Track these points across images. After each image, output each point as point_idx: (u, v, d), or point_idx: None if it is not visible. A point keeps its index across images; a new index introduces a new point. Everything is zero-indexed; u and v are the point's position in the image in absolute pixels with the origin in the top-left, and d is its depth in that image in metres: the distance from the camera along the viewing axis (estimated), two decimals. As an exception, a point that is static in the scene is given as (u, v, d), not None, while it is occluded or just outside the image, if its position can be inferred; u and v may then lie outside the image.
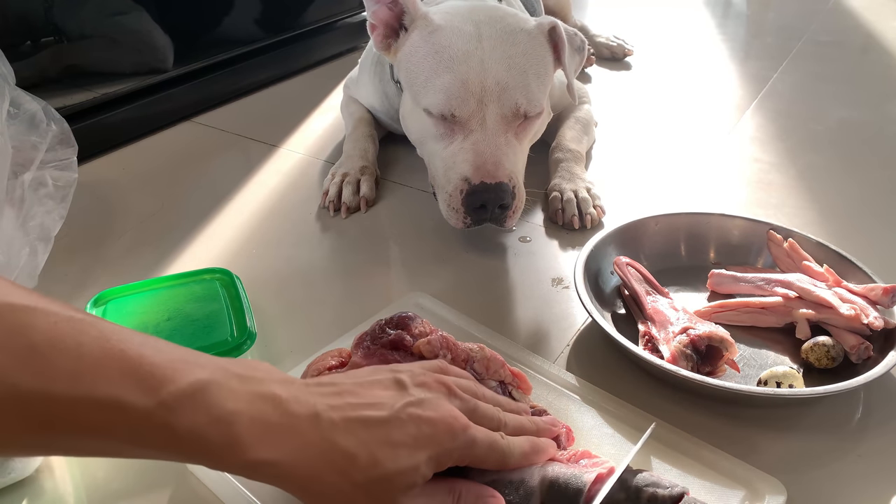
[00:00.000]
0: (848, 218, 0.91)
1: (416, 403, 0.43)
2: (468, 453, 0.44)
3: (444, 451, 0.43)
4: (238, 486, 0.52)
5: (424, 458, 0.42)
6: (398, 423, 0.42)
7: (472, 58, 0.79)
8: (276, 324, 0.72)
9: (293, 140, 1.14)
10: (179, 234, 0.88)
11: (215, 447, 0.38)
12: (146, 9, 1.13)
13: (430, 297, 0.72)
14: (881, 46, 1.61)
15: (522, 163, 0.83)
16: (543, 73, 0.83)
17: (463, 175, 0.78)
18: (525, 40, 0.81)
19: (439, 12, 0.84)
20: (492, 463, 0.46)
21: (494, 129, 0.79)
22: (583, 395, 0.60)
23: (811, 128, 1.18)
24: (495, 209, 0.78)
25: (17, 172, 0.71)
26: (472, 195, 0.78)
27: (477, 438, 0.44)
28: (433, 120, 0.81)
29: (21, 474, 0.54)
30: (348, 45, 1.52)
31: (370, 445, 0.41)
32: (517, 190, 0.80)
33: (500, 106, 0.79)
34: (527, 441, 0.48)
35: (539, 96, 0.81)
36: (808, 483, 0.55)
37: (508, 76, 0.79)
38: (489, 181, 0.77)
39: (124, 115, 1.12)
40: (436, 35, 0.82)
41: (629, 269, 0.72)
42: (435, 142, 0.83)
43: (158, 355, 0.38)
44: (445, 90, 0.79)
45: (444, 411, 0.44)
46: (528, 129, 0.83)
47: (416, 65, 0.83)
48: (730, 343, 0.62)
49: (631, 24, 1.71)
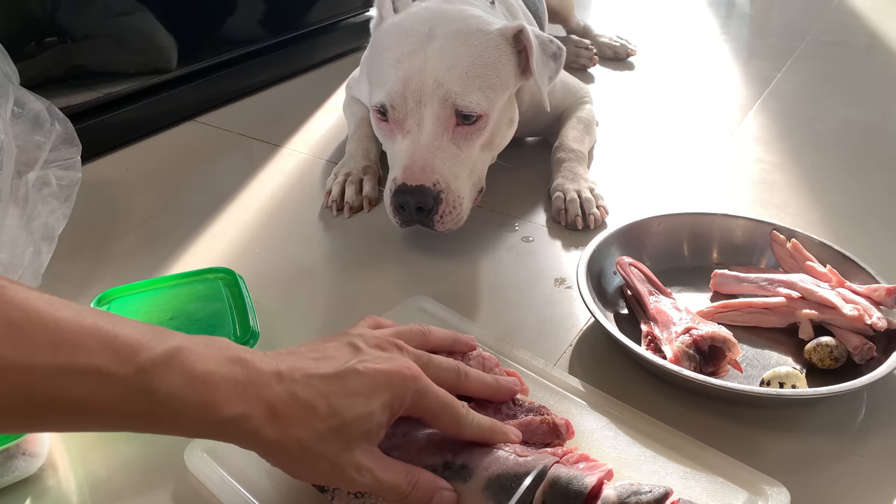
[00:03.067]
0: (851, 218, 0.91)
1: (369, 358, 0.46)
2: (421, 403, 0.47)
3: (397, 396, 0.45)
4: (237, 486, 0.52)
5: (379, 404, 0.45)
6: (353, 374, 0.45)
7: (416, 57, 0.79)
8: (279, 323, 0.73)
9: (296, 140, 1.15)
10: (183, 234, 0.88)
11: (192, 408, 0.40)
12: (150, 9, 1.13)
13: (433, 301, 0.72)
14: (885, 46, 1.61)
15: (464, 169, 0.81)
16: (492, 75, 0.81)
17: (394, 174, 0.80)
18: (477, 42, 0.80)
19: (404, 13, 0.85)
20: (445, 423, 0.48)
21: (431, 131, 0.79)
22: (584, 397, 0.60)
23: (815, 128, 1.18)
24: (413, 212, 0.78)
25: (21, 172, 0.71)
26: (395, 195, 0.79)
27: (429, 388, 0.47)
28: (380, 118, 0.83)
29: (24, 473, 0.54)
30: (351, 45, 1.52)
31: (329, 397, 0.44)
32: (444, 195, 0.78)
33: (437, 106, 0.78)
34: (489, 420, 0.50)
35: (479, 99, 0.79)
36: (811, 484, 0.55)
37: (447, 75, 0.78)
38: (410, 183, 0.77)
39: (128, 114, 1.12)
40: (387, 35, 0.83)
41: (632, 269, 0.72)
42: (384, 140, 0.85)
43: (131, 329, 0.40)
44: (386, 87, 0.80)
45: (397, 363, 0.47)
46: (472, 135, 0.81)
47: (370, 61, 0.85)
48: (733, 343, 0.62)
49: (634, 24, 1.71)
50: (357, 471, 0.44)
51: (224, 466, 0.53)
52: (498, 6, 0.97)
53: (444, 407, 0.48)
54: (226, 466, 0.53)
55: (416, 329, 0.54)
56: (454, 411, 0.48)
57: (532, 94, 0.96)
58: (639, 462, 0.53)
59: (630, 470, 0.52)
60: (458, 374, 0.51)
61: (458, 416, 0.48)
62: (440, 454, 0.48)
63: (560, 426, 0.52)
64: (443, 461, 0.48)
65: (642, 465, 0.53)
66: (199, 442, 0.55)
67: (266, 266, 0.83)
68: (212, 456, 0.54)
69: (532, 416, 0.53)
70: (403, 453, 0.48)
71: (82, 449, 0.58)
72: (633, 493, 0.44)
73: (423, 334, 0.54)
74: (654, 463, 0.53)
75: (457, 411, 0.48)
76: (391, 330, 0.53)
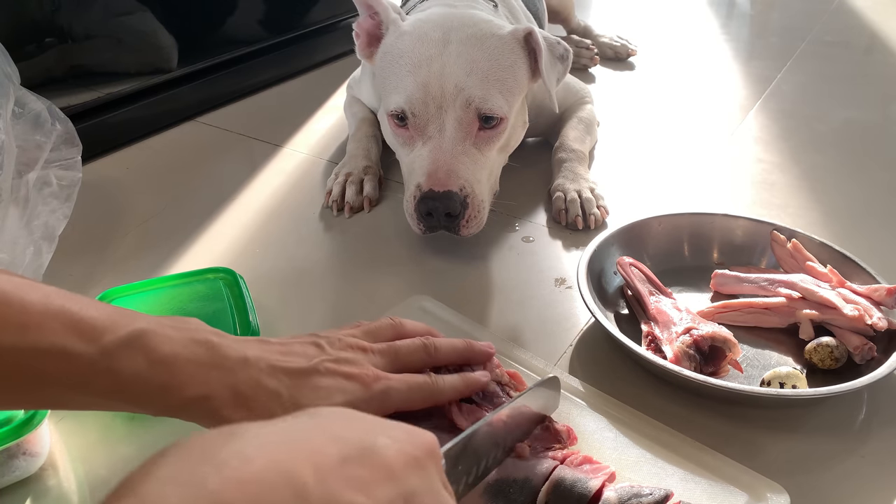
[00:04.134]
0: (852, 218, 0.91)
1: (333, 360, 0.48)
2: (387, 403, 0.48)
3: (359, 400, 0.47)
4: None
5: (341, 402, 0.46)
6: (317, 374, 0.46)
7: (434, 62, 0.79)
8: (279, 323, 0.73)
9: (297, 140, 1.15)
10: (183, 234, 0.88)
11: (155, 389, 0.41)
12: (150, 9, 1.13)
13: (433, 300, 0.72)
14: (886, 47, 1.61)
15: (484, 172, 0.81)
16: (510, 79, 0.81)
17: (417, 181, 0.79)
18: (493, 46, 0.80)
19: (414, 19, 0.84)
20: (420, 401, 0.49)
21: (452, 136, 0.79)
22: (584, 398, 0.60)
23: (815, 128, 1.18)
24: (442, 217, 0.78)
25: (22, 172, 0.71)
26: (422, 202, 0.78)
27: (392, 387, 0.48)
28: (397, 125, 0.82)
29: (25, 473, 0.55)
30: (351, 45, 1.49)
31: (292, 389, 0.45)
32: (470, 199, 0.78)
33: (459, 110, 0.78)
34: (458, 376, 0.52)
35: (500, 102, 0.79)
36: (811, 484, 0.55)
37: (468, 80, 0.78)
38: (438, 189, 0.77)
39: (128, 114, 1.12)
40: (401, 40, 0.82)
41: (632, 269, 0.72)
42: (400, 147, 0.84)
43: (97, 311, 0.41)
44: (406, 94, 0.79)
45: (358, 368, 0.48)
46: (492, 138, 0.81)
47: (382, 70, 0.84)
48: (733, 343, 0.62)
49: (634, 25, 1.71)
50: None
51: None
52: (501, 9, 0.97)
53: (412, 390, 0.49)
54: None
55: (387, 323, 0.55)
56: (423, 388, 0.49)
57: (534, 95, 0.96)
58: (639, 464, 0.53)
59: (630, 472, 0.52)
60: (427, 351, 0.53)
61: (430, 389, 0.50)
62: None
63: (561, 432, 0.52)
64: None
65: (642, 466, 0.53)
66: None
67: (266, 266, 0.83)
68: None
69: None
70: None
71: (82, 449, 0.58)
72: (634, 496, 0.44)
73: (393, 328, 0.55)
74: (654, 465, 0.53)
75: (426, 386, 0.50)
76: (362, 329, 0.53)
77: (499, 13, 0.95)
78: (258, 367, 0.45)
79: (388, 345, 0.52)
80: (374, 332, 0.53)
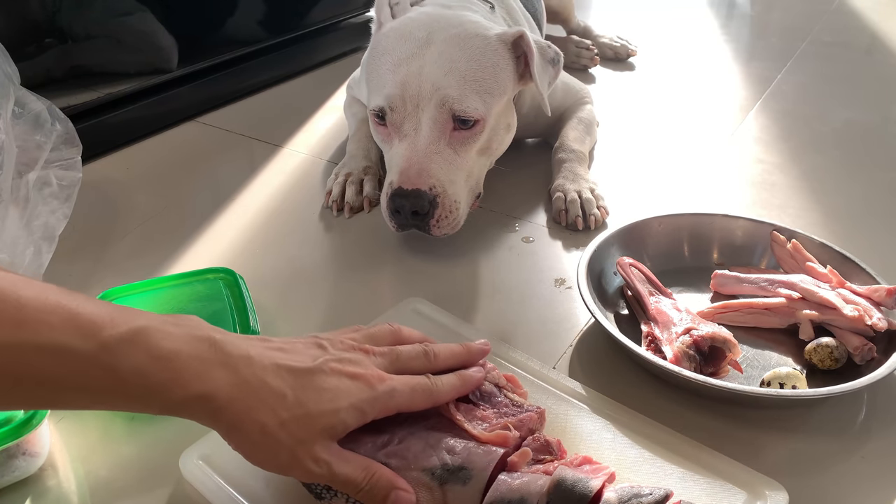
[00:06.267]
0: (852, 219, 0.91)
1: (336, 360, 0.47)
2: (391, 403, 0.48)
3: (364, 400, 0.46)
4: (232, 492, 0.51)
5: (346, 404, 0.46)
6: (321, 374, 0.46)
7: (415, 61, 0.79)
8: (279, 323, 0.73)
9: (297, 140, 1.15)
10: (183, 234, 0.88)
11: (156, 385, 0.40)
12: (151, 9, 1.13)
13: (427, 303, 0.71)
14: (886, 47, 1.61)
15: (461, 173, 0.81)
16: (490, 80, 0.81)
17: (391, 178, 0.80)
18: (475, 46, 0.80)
19: (403, 17, 0.85)
20: (422, 403, 0.49)
21: (427, 135, 0.79)
22: (583, 399, 0.60)
23: (815, 129, 1.18)
24: (409, 215, 0.78)
25: (22, 172, 0.71)
26: (391, 199, 0.79)
27: (396, 388, 0.48)
28: (378, 122, 0.83)
29: (24, 473, 0.55)
30: (352, 45, 1.52)
31: (296, 389, 0.44)
32: (441, 199, 0.78)
33: (434, 110, 0.78)
34: (455, 376, 0.52)
35: (476, 104, 0.79)
36: (811, 484, 0.55)
37: (445, 80, 0.78)
38: (407, 187, 0.77)
39: (129, 114, 1.12)
40: (386, 38, 0.83)
41: (632, 269, 0.72)
42: (381, 144, 0.86)
43: (95, 307, 0.40)
44: (385, 91, 0.80)
45: (362, 368, 0.48)
46: (468, 139, 0.80)
47: (368, 66, 0.85)
48: (733, 344, 0.62)
49: (634, 25, 1.70)
50: (315, 462, 0.45)
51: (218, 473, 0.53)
52: (498, 10, 0.97)
53: (415, 391, 0.49)
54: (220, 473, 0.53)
55: (386, 328, 0.55)
56: (423, 389, 0.50)
57: (532, 97, 0.96)
58: (637, 464, 0.53)
59: (629, 472, 0.52)
60: (428, 357, 0.53)
61: (430, 391, 0.50)
62: (438, 457, 0.48)
63: (552, 443, 0.51)
64: (441, 464, 0.48)
65: (641, 466, 0.53)
66: (194, 448, 0.55)
67: (266, 266, 0.83)
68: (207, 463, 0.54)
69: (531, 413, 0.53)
70: (401, 460, 0.48)
71: (82, 449, 0.58)
72: (634, 496, 0.44)
73: (392, 333, 0.55)
74: (653, 464, 0.53)
75: (427, 388, 0.50)
76: (362, 333, 0.53)
77: (496, 14, 0.95)
78: (262, 365, 0.44)
79: (390, 348, 0.52)
80: (374, 336, 0.53)
